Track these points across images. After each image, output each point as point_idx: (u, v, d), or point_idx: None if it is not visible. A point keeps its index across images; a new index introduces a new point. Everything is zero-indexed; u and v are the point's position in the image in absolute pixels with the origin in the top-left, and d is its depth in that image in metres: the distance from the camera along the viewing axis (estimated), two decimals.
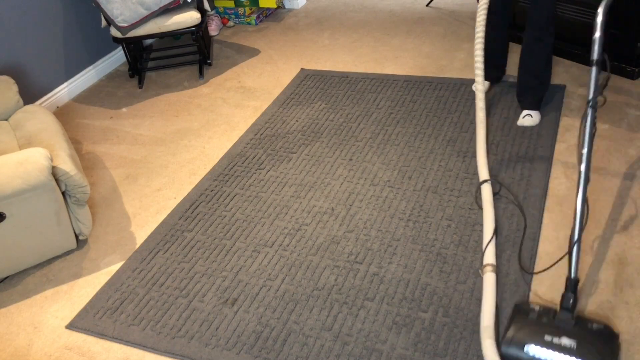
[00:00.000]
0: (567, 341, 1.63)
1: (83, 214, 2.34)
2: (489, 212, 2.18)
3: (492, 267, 1.94)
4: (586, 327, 1.67)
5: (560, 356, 1.60)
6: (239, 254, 2.25)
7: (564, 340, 1.63)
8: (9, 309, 2.18)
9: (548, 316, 1.71)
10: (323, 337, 1.87)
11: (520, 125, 2.73)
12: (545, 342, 1.64)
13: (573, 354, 1.59)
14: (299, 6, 4.54)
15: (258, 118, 3.12)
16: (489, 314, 1.78)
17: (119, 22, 3.31)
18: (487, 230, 2.12)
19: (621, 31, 2.95)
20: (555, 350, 1.61)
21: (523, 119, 2.73)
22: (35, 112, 2.60)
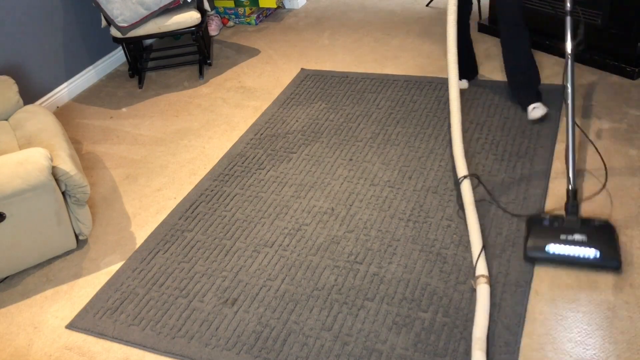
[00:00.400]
0: (578, 237, 1.99)
1: (83, 214, 2.34)
2: (473, 220, 2.14)
3: (486, 278, 1.94)
4: (591, 224, 2.03)
5: (575, 248, 1.97)
6: (239, 254, 2.25)
7: (576, 237, 1.99)
8: (9, 309, 2.18)
9: (558, 221, 2.06)
10: (323, 337, 1.87)
11: (533, 118, 2.72)
12: (561, 240, 1.99)
13: (586, 244, 1.97)
14: (299, 6, 4.54)
15: (258, 118, 3.12)
16: (481, 326, 1.80)
17: (119, 22, 3.31)
18: (474, 240, 2.09)
19: (621, 31, 2.95)
20: (571, 244, 1.98)
21: (533, 112, 2.73)
22: (35, 112, 2.60)
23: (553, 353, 1.74)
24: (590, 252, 1.95)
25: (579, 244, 1.97)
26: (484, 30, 3.67)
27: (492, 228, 2.19)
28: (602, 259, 1.94)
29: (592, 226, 2.02)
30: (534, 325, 1.82)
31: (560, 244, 1.98)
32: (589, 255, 1.95)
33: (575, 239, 1.98)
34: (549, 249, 1.99)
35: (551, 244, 1.99)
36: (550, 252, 1.99)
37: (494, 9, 3.58)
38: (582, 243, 1.97)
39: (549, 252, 1.99)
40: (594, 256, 1.94)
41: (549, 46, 3.31)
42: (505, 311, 1.87)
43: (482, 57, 3.39)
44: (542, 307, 1.87)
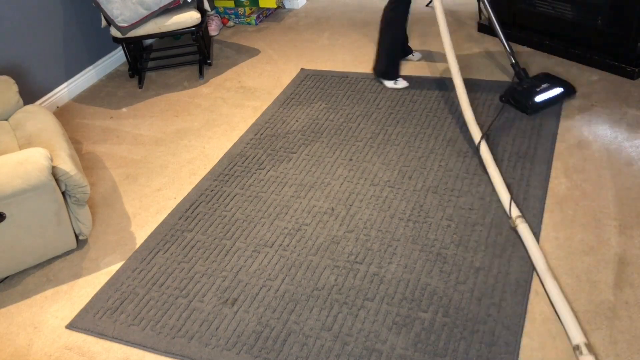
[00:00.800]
0: (544, 85, 2.81)
1: (83, 214, 2.34)
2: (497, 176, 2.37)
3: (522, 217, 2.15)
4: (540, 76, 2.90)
5: (549, 93, 2.78)
6: (239, 254, 2.25)
7: (543, 86, 2.81)
8: (9, 309, 2.18)
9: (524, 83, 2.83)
10: (323, 337, 1.87)
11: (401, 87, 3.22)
12: (537, 92, 2.78)
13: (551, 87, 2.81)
14: (299, 6, 4.54)
15: (258, 118, 3.12)
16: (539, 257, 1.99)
17: (119, 22, 3.31)
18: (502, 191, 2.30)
19: (621, 31, 2.95)
20: (545, 90, 2.79)
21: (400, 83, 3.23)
22: (35, 112, 2.60)
23: (553, 353, 1.74)
24: (557, 91, 2.79)
25: (548, 89, 2.79)
26: (484, 30, 3.67)
27: (492, 228, 2.19)
28: (566, 92, 2.81)
29: (541, 77, 2.88)
30: (534, 325, 1.82)
31: (541, 93, 2.77)
32: (558, 92, 2.79)
33: (544, 87, 2.79)
34: (537, 100, 2.75)
35: (536, 97, 2.76)
36: (539, 101, 2.75)
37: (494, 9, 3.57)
38: (549, 88, 2.79)
39: (538, 101, 2.75)
40: (561, 92, 2.80)
41: (549, 46, 3.31)
42: (505, 311, 1.87)
43: (482, 57, 3.39)
44: (542, 307, 1.87)
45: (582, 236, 2.11)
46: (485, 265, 2.04)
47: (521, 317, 1.84)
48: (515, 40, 3.47)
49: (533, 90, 2.78)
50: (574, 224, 2.17)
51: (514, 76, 2.90)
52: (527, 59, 3.30)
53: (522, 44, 3.45)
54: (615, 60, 3.03)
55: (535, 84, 2.81)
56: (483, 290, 1.95)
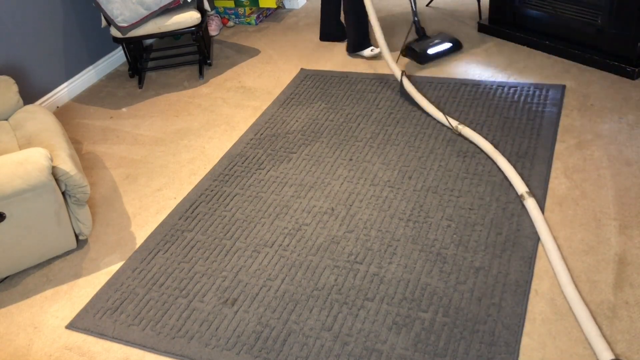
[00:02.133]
0: (436, 40, 3.42)
1: (83, 214, 2.34)
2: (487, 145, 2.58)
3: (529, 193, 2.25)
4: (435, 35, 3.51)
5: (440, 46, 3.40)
6: (239, 254, 2.25)
7: (435, 41, 3.42)
8: (9, 309, 2.18)
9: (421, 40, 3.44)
10: (323, 337, 1.87)
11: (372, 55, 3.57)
12: (432, 45, 3.39)
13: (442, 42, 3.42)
14: (299, 6, 4.53)
15: (258, 118, 3.12)
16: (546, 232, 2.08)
17: (119, 22, 3.31)
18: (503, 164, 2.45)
19: (621, 31, 2.95)
20: (437, 45, 3.40)
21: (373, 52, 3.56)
22: (35, 112, 2.60)
23: (553, 353, 1.74)
24: (447, 45, 3.40)
25: (439, 44, 3.39)
26: (484, 30, 3.67)
27: (492, 228, 2.19)
28: (454, 47, 3.41)
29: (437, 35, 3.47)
30: (534, 325, 1.82)
31: (432, 47, 3.37)
32: (447, 47, 3.40)
33: (435, 42, 3.40)
34: (429, 52, 3.35)
35: (428, 49, 3.36)
36: (431, 53, 3.35)
37: (494, 9, 3.58)
38: (440, 43, 3.40)
39: (430, 53, 3.35)
40: (450, 46, 3.40)
41: (549, 46, 3.31)
42: (505, 311, 1.87)
43: (482, 57, 3.39)
44: (542, 307, 1.87)
45: (582, 236, 2.11)
46: (485, 265, 2.04)
47: (521, 317, 1.84)
48: (515, 40, 3.48)
49: (427, 44, 3.38)
50: (574, 224, 2.17)
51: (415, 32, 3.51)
52: (527, 59, 3.30)
53: (522, 44, 3.45)
54: (615, 60, 3.03)
55: (429, 40, 3.41)
56: (483, 290, 1.95)
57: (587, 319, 1.76)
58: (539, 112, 2.80)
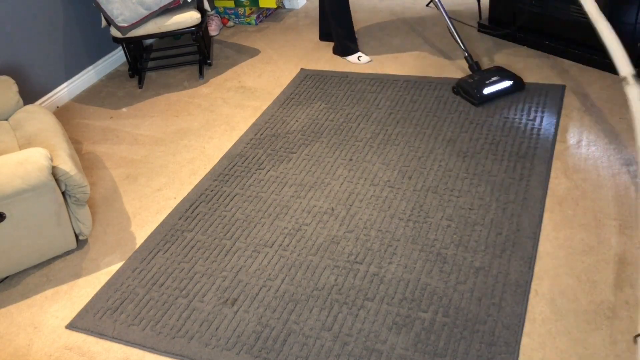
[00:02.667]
0: (494, 78, 2.97)
1: (83, 214, 2.34)
2: None
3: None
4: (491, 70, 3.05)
5: (498, 85, 2.94)
6: (239, 254, 2.25)
7: (493, 79, 2.96)
8: (9, 309, 2.18)
9: (477, 76, 3.01)
10: (323, 337, 1.87)
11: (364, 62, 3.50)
12: (487, 84, 2.93)
13: (501, 80, 2.95)
14: (299, 6, 4.54)
15: (258, 118, 3.12)
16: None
17: (119, 22, 3.31)
18: None
19: (621, 31, 2.95)
20: (495, 83, 2.94)
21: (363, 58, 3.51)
22: (35, 112, 2.60)
23: (553, 353, 1.74)
24: (507, 84, 2.93)
25: (498, 82, 2.94)
26: (484, 30, 3.67)
27: (492, 228, 2.19)
28: (515, 85, 2.94)
29: (494, 70, 3.03)
30: (534, 325, 1.82)
31: (490, 85, 2.92)
32: (507, 85, 2.93)
33: (493, 80, 2.95)
34: (485, 92, 2.90)
35: (484, 89, 2.91)
36: (487, 93, 2.90)
37: (494, 9, 3.58)
38: (499, 80, 2.94)
39: (486, 93, 2.91)
40: (510, 85, 2.93)
41: (549, 46, 3.31)
42: (505, 311, 1.87)
43: (482, 57, 3.39)
44: (542, 307, 1.87)
45: (582, 236, 2.11)
46: (485, 265, 2.04)
47: (521, 317, 1.84)
48: (515, 40, 3.47)
49: (482, 82, 2.94)
50: (574, 224, 2.17)
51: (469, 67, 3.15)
52: (527, 59, 3.30)
53: (522, 44, 3.45)
54: None
55: (485, 76, 2.98)
56: (483, 290, 1.95)
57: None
58: (539, 112, 2.80)
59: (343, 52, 3.56)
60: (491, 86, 2.91)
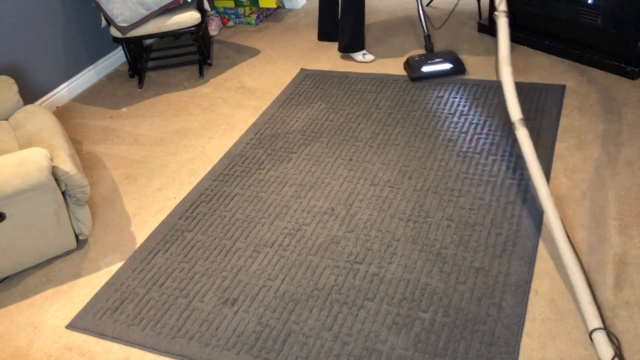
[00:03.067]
0: (438, 59, 3.22)
1: (83, 214, 2.34)
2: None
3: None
4: (442, 52, 3.28)
5: (438, 66, 3.20)
6: (239, 254, 2.25)
7: (436, 60, 3.22)
8: (9, 309, 2.18)
9: (424, 56, 3.25)
10: (323, 337, 1.87)
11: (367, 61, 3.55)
12: (430, 63, 3.21)
13: (444, 62, 3.21)
14: (299, 6, 4.54)
15: (258, 118, 3.12)
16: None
17: (119, 22, 3.31)
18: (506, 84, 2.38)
19: (621, 31, 2.95)
20: (435, 64, 3.20)
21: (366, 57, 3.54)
22: (35, 112, 2.60)
23: (553, 353, 1.74)
24: (446, 66, 3.19)
25: (439, 63, 3.19)
26: (484, 30, 3.67)
27: (492, 228, 2.19)
28: (454, 69, 3.19)
29: (443, 53, 3.25)
30: (534, 325, 1.82)
31: (429, 65, 3.19)
32: (446, 67, 3.18)
33: (435, 60, 3.20)
34: (424, 69, 3.18)
35: (424, 66, 3.19)
36: (425, 71, 3.18)
37: (494, 9, 3.57)
38: (440, 62, 3.20)
39: (425, 71, 3.18)
40: (449, 67, 3.18)
41: (549, 46, 3.31)
42: (505, 311, 1.87)
43: (482, 57, 3.39)
44: (542, 307, 1.88)
45: (582, 236, 2.11)
46: (485, 265, 2.04)
47: (521, 317, 1.84)
48: (515, 40, 3.47)
49: (425, 61, 3.21)
50: (574, 224, 2.17)
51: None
52: (527, 59, 3.30)
53: (522, 44, 3.45)
54: (615, 60, 3.03)
55: (431, 57, 3.22)
56: (483, 291, 1.95)
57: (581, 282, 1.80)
58: (539, 112, 2.80)
59: (351, 49, 3.54)
60: (431, 65, 3.19)
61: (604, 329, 1.70)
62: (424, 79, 3.20)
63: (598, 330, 1.70)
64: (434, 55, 3.23)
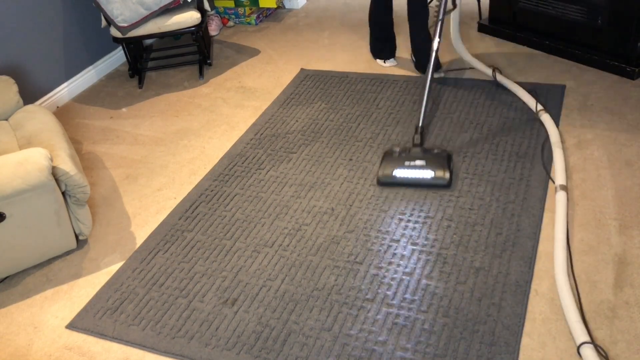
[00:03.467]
0: (419, 162, 2.43)
1: (83, 214, 2.34)
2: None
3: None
4: (430, 152, 2.48)
5: (416, 171, 2.41)
6: (239, 254, 2.25)
7: (417, 162, 2.43)
8: (9, 309, 2.18)
9: (406, 152, 2.50)
10: (323, 337, 1.87)
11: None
12: (405, 166, 2.43)
13: (424, 168, 2.41)
14: (299, 6, 4.54)
15: (258, 118, 3.12)
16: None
17: (119, 22, 3.31)
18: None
19: (621, 31, 2.95)
20: (413, 169, 2.42)
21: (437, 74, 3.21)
22: (35, 112, 2.60)
23: (553, 353, 1.74)
24: (426, 174, 2.39)
25: (419, 168, 2.41)
26: (483, 30, 3.67)
27: (492, 228, 2.19)
28: (433, 179, 2.39)
29: (432, 154, 2.47)
30: (534, 325, 1.82)
31: (404, 169, 2.42)
32: (425, 176, 2.39)
33: (416, 164, 2.43)
34: (396, 174, 2.42)
35: (397, 169, 2.42)
36: (397, 176, 2.42)
37: (494, 9, 3.58)
38: (421, 167, 2.41)
39: (396, 176, 2.42)
40: (429, 177, 2.39)
41: (549, 46, 3.31)
42: (505, 311, 1.87)
43: (482, 57, 3.39)
44: (542, 307, 1.87)
45: (582, 236, 2.11)
46: (485, 265, 2.04)
47: (521, 317, 1.84)
48: (515, 40, 3.47)
49: (402, 161, 2.46)
50: (574, 224, 2.17)
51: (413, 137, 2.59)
52: (527, 59, 3.30)
53: (522, 44, 3.45)
54: (615, 60, 3.03)
55: (413, 156, 2.47)
56: (483, 291, 1.95)
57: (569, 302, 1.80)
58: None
59: (376, 54, 3.52)
60: (407, 169, 2.42)
61: (592, 342, 1.70)
62: (394, 185, 2.45)
63: (586, 344, 1.69)
64: (418, 155, 2.48)
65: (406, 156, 2.47)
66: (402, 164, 2.43)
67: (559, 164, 2.39)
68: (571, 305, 1.81)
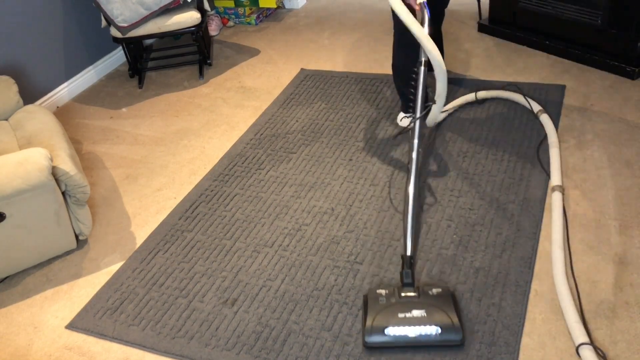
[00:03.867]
0: (417, 312, 1.81)
1: (83, 214, 2.34)
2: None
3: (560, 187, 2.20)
4: (428, 295, 1.87)
5: (415, 328, 1.78)
6: (239, 254, 2.25)
7: (414, 313, 1.81)
8: (9, 309, 2.18)
9: (395, 296, 1.87)
10: (323, 337, 1.87)
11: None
12: (400, 320, 1.80)
13: (425, 322, 1.79)
14: (299, 6, 4.54)
15: (258, 118, 3.12)
16: None
17: (119, 22, 3.31)
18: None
19: (621, 31, 2.95)
20: (411, 324, 1.79)
21: None
22: (35, 112, 2.60)
23: (553, 353, 1.74)
24: (430, 330, 1.77)
25: (419, 323, 1.78)
26: (483, 30, 3.67)
27: (492, 228, 2.19)
28: (443, 336, 1.77)
29: (430, 296, 1.85)
30: (534, 325, 1.82)
31: (399, 326, 1.78)
32: (430, 332, 1.77)
33: (414, 316, 1.80)
34: (389, 333, 1.78)
35: (389, 327, 1.78)
36: (390, 335, 1.78)
37: (494, 9, 3.58)
38: (422, 320, 1.79)
39: (389, 335, 1.78)
40: (435, 333, 1.77)
41: (549, 46, 3.31)
42: (505, 311, 1.87)
43: (482, 57, 3.39)
44: (542, 307, 1.87)
45: (582, 236, 2.11)
46: (485, 265, 2.04)
47: (521, 317, 1.84)
48: (515, 40, 3.47)
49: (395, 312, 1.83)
50: (574, 224, 2.17)
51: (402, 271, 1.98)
52: (527, 59, 3.30)
53: (522, 44, 3.45)
54: (615, 60, 3.03)
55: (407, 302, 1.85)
56: (483, 290, 1.95)
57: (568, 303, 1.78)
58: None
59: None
60: (404, 326, 1.80)
61: (590, 343, 1.69)
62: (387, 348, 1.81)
63: (584, 345, 1.69)
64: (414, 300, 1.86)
65: (398, 303, 1.85)
66: (395, 316, 1.81)
67: (554, 164, 2.39)
68: (570, 306, 1.81)
